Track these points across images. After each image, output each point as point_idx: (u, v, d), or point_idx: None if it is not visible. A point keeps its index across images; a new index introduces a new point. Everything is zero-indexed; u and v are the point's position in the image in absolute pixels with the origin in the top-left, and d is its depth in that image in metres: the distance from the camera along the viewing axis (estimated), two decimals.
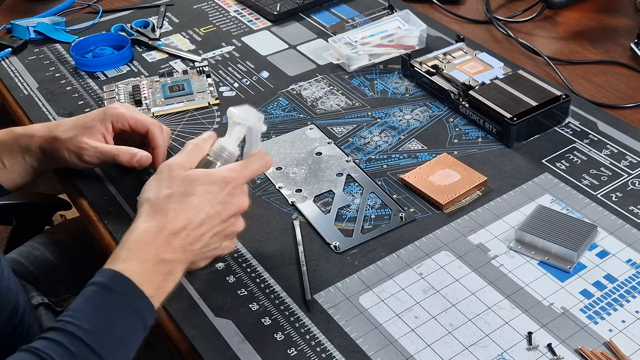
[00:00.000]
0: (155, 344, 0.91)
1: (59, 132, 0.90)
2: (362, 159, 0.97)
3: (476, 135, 1.00)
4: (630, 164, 0.94)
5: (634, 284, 0.78)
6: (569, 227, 0.82)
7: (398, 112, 1.06)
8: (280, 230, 0.87)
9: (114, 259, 0.70)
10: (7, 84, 1.18)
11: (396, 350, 0.72)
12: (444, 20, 1.31)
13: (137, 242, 0.71)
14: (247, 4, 1.38)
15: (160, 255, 0.71)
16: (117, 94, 1.13)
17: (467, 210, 0.88)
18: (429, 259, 0.82)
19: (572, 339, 0.72)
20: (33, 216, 1.28)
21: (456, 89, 1.05)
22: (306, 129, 1.04)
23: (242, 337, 0.74)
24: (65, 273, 1.09)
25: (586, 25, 1.28)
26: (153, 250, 0.71)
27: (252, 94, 1.12)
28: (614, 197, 0.89)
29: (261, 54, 1.23)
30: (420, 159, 0.97)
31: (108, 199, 0.93)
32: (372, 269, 0.81)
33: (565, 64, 1.17)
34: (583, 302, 0.76)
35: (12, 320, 0.82)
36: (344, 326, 0.75)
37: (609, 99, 1.08)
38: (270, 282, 0.80)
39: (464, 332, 0.74)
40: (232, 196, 0.76)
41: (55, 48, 1.28)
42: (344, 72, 1.16)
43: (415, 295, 0.78)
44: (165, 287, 0.72)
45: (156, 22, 1.33)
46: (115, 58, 1.21)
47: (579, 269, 0.80)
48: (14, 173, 0.92)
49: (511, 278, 0.79)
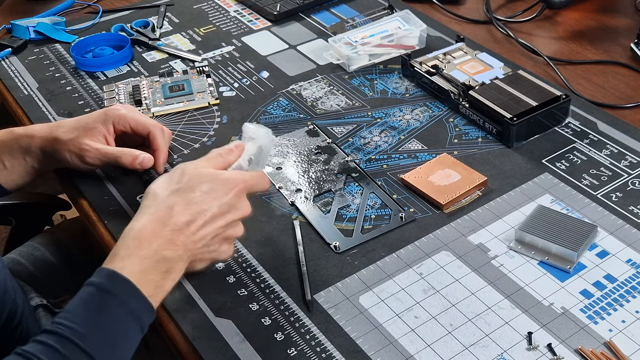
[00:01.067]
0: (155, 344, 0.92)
1: (60, 133, 0.90)
2: (362, 159, 0.97)
3: (476, 135, 1.00)
4: (630, 164, 0.94)
5: (634, 284, 0.78)
6: (569, 227, 0.82)
7: (398, 112, 1.06)
8: (280, 230, 0.87)
9: (112, 257, 0.70)
10: (7, 84, 1.18)
11: (396, 350, 0.72)
12: (444, 20, 1.31)
13: (137, 238, 0.70)
14: (247, 4, 1.38)
15: (161, 253, 0.70)
16: (117, 94, 1.13)
17: (467, 210, 0.88)
18: (429, 259, 0.82)
19: (572, 339, 0.72)
20: (33, 216, 1.28)
21: (456, 89, 1.05)
22: (306, 129, 1.04)
23: (242, 337, 0.74)
24: (65, 273, 1.09)
25: (586, 25, 1.28)
26: (154, 247, 0.70)
27: (252, 94, 1.12)
28: (614, 197, 0.89)
29: (261, 54, 1.23)
30: (420, 159, 0.97)
31: (108, 199, 0.93)
32: (372, 269, 0.81)
33: (565, 64, 1.17)
34: (583, 302, 0.76)
35: (10, 323, 0.82)
36: (344, 326, 0.75)
37: (609, 99, 1.08)
38: (270, 282, 0.80)
39: (464, 332, 0.74)
40: (238, 200, 0.76)
41: (55, 48, 1.28)
42: (344, 72, 1.16)
43: (415, 295, 0.78)
44: (164, 286, 0.71)
45: (156, 22, 1.33)
46: (115, 58, 1.21)
47: (579, 269, 0.80)
48: (15, 174, 0.92)
49: (511, 278, 0.79)
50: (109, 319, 0.66)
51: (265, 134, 0.82)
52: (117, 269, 0.68)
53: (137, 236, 0.70)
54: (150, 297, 0.69)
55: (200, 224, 0.73)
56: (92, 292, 0.67)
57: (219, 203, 0.74)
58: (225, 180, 0.75)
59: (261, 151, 0.82)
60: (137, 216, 0.73)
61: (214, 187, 0.74)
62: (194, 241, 0.73)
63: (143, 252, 0.69)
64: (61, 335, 0.64)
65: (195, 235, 0.73)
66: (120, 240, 0.71)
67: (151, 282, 0.69)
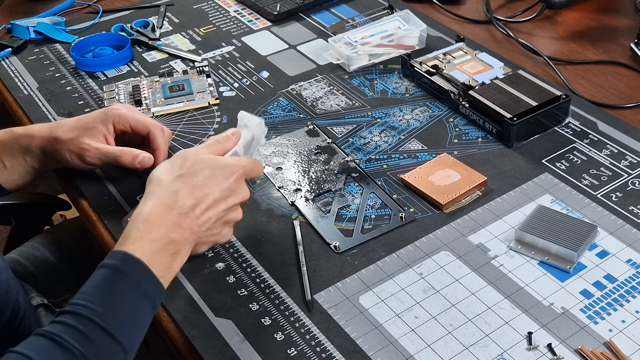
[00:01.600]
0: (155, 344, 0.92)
1: (60, 133, 0.90)
2: (362, 159, 0.97)
3: (476, 135, 1.00)
4: (630, 164, 0.94)
5: (634, 284, 0.78)
6: (569, 227, 0.82)
7: (398, 112, 1.06)
8: (280, 230, 0.87)
9: (124, 239, 0.72)
10: (7, 84, 1.18)
11: (396, 350, 0.72)
12: (444, 20, 1.31)
13: (146, 221, 0.72)
14: (247, 4, 1.38)
15: (170, 236, 0.73)
16: (117, 94, 1.13)
17: (467, 210, 0.88)
18: (429, 259, 0.82)
19: (572, 339, 0.72)
20: (33, 216, 1.28)
21: (456, 89, 1.05)
22: (306, 129, 1.04)
23: (242, 337, 0.74)
24: (65, 273, 1.09)
25: (586, 25, 1.28)
26: (163, 229, 0.72)
27: (252, 94, 1.12)
28: (614, 197, 0.89)
29: (261, 54, 1.23)
30: (420, 159, 0.97)
31: (108, 199, 0.93)
32: (372, 269, 0.81)
33: (565, 64, 1.17)
34: (583, 302, 0.76)
35: (13, 321, 0.82)
36: (344, 326, 0.75)
37: (609, 99, 1.08)
38: (270, 282, 0.80)
39: (464, 332, 0.74)
40: (238, 185, 0.79)
41: (55, 48, 1.28)
42: (344, 72, 1.16)
43: (415, 295, 0.78)
44: (173, 267, 0.73)
45: (156, 22, 1.33)
46: (115, 58, 1.21)
47: (579, 269, 0.80)
48: (15, 174, 0.92)
49: (511, 278, 0.79)
50: (124, 298, 0.68)
51: (258, 124, 0.86)
52: (129, 251, 0.70)
53: (146, 219, 0.73)
54: (161, 277, 0.71)
55: (204, 207, 0.75)
56: (106, 273, 0.69)
57: (221, 188, 0.77)
58: (225, 166, 0.78)
59: (253, 140, 0.85)
60: (144, 201, 0.75)
61: (215, 173, 0.77)
62: (199, 224, 0.75)
63: (153, 234, 0.72)
64: (81, 315, 0.65)
65: (200, 218, 0.75)
66: (130, 224, 0.73)
67: (161, 263, 0.71)
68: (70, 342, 0.64)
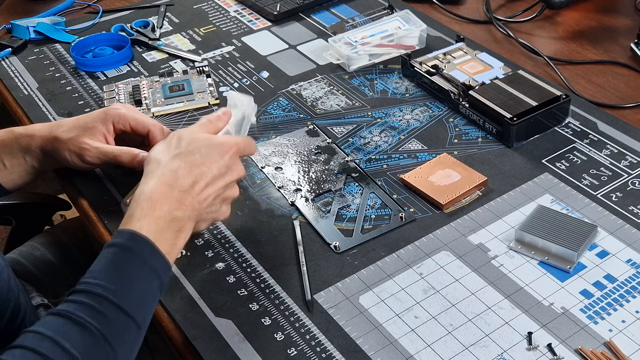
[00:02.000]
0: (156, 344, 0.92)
1: (59, 133, 0.90)
2: (362, 159, 0.97)
3: (476, 135, 1.00)
4: (630, 164, 0.94)
5: (634, 284, 0.78)
6: (569, 227, 0.82)
7: (398, 112, 1.06)
8: (280, 230, 0.87)
9: (129, 218, 0.72)
10: (7, 84, 1.18)
11: (396, 350, 0.72)
12: (444, 20, 1.31)
13: (149, 199, 0.73)
14: (247, 4, 1.38)
15: (173, 213, 0.73)
16: (117, 94, 1.13)
17: (467, 210, 0.88)
18: (429, 259, 0.82)
19: (572, 339, 0.72)
20: (33, 216, 1.28)
21: (456, 89, 1.05)
22: (306, 129, 1.04)
23: (242, 337, 0.74)
24: (65, 273, 1.09)
25: (586, 25, 1.28)
26: (166, 207, 0.73)
27: (252, 94, 1.12)
28: (614, 197, 0.89)
29: (261, 54, 1.23)
30: (420, 159, 0.97)
31: (108, 199, 0.94)
32: (372, 269, 0.81)
33: (565, 64, 1.17)
34: (583, 302, 0.76)
35: (14, 321, 0.82)
36: (344, 326, 0.75)
37: (609, 99, 1.08)
38: (270, 282, 0.80)
39: (464, 332, 0.74)
40: (233, 162, 0.80)
41: (55, 48, 1.28)
42: (344, 72, 1.16)
43: (415, 295, 0.78)
44: (177, 244, 0.74)
45: (156, 22, 1.33)
46: (115, 58, 1.21)
47: (579, 269, 0.80)
48: (15, 173, 0.91)
49: (511, 278, 0.79)
50: (135, 276, 0.69)
51: (248, 103, 0.87)
52: (135, 229, 0.71)
53: (149, 198, 0.73)
54: (167, 254, 0.72)
55: (203, 185, 0.76)
56: (115, 252, 0.70)
57: (218, 165, 0.78)
58: (220, 144, 0.79)
59: (244, 118, 0.86)
60: (145, 180, 0.76)
61: (211, 151, 0.78)
62: (199, 201, 0.76)
63: (156, 212, 0.73)
64: (94, 293, 0.66)
65: (200, 195, 0.76)
66: (134, 203, 0.74)
67: (166, 240, 0.72)
68: (87, 319, 0.64)
